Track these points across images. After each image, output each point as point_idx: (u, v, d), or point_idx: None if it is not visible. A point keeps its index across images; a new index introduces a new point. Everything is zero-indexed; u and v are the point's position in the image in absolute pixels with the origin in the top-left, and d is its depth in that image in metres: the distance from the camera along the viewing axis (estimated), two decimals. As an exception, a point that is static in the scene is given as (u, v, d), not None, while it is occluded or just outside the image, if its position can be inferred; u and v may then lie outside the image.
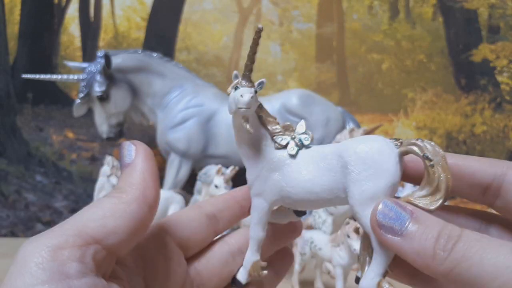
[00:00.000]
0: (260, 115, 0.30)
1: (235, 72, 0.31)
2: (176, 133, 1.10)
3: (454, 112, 1.26)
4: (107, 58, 1.05)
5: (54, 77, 1.10)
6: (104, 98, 1.07)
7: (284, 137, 0.30)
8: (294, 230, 0.35)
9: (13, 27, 1.27)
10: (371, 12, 1.28)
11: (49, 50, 1.28)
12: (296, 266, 0.88)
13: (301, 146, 0.30)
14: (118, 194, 0.27)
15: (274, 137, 0.30)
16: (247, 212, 0.35)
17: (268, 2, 1.28)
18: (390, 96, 1.28)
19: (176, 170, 1.12)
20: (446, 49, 1.28)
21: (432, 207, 0.25)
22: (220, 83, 1.25)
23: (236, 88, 0.29)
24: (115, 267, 0.26)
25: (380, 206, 0.25)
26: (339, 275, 0.82)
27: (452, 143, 1.27)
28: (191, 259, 0.33)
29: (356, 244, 0.78)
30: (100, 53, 1.07)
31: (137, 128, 1.28)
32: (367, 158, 0.26)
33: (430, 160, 0.25)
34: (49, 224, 1.30)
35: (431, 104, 1.27)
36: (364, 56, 1.28)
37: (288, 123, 0.31)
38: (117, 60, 1.08)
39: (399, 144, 0.27)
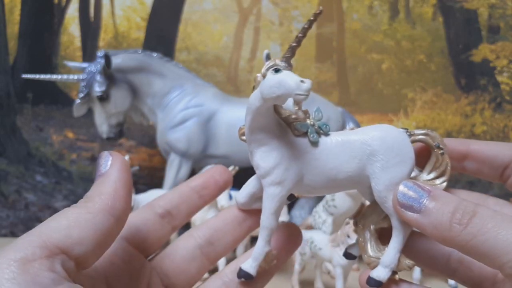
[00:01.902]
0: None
1: (266, 51, 0.32)
2: (176, 133, 1.10)
3: (454, 112, 1.26)
4: (107, 58, 1.05)
5: (54, 77, 1.10)
6: (104, 98, 1.07)
7: (303, 124, 0.30)
8: (295, 242, 0.35)
9: (13, 27, 1.27)
10: (371, 12, 1.28)
11: (49, 50, 1.28)
12: (296, 266, 0.88)
13: (321, 133, 0.30)
14: (85, 203, 0.26)
15: (293, 123, 0.30)
16: (208, 200, 0.35)
17: (268, 2, 1.28)
18: (390, 96, 1.28)
19: (176, 170, 1.12)
20: (446, 49, 1.28)
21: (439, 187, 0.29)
22: (220, 83, 1.25)
23: (277, 70, 0.27)
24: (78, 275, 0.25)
25: (401, 187, 0.28)
26: (339, 275, 0.82)
27: (452, 143, 1.27)
28: (155, 259, 0.33)
29: (356, 244, 0.78)
30: (100, 53, 1.07)
31: (137, 128, 1.28)
32: (394, 147, 0.29)
33: (441, 149, 0.29)
34: (49, 224, 1.30)
35: (431, 104, 1.27)
36: (364, 56, 1.28)
37: (307, 110, 0.31)
38: (117, 60, 1.08)
39: (409, 133, 0.30)
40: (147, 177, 1.28)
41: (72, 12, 1.28)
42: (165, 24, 1.29)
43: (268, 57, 0.31)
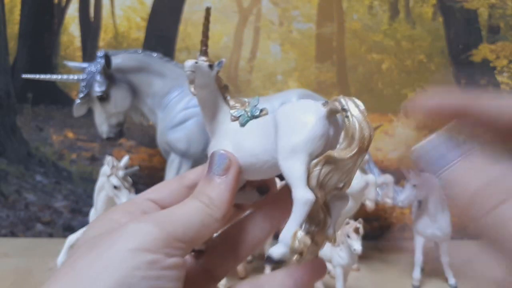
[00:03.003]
0: (225, 96, 0.34)
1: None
2: (176, 133, 1.10)
3: (454, 112, 1.26)
4: (107, 58, 1.05)
5: (54, 77, 1.10)
6: (104, 98, 1.07)
7: (239, 110, 0.33)
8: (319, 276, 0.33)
9: (13, 27, 1.27)
10: (371, 12, 1.28)
11: (49, 50, 1.28)
12: (296, 266, 0.87)
13: (251, 117, 0.32)
14: (207, 205, 0.29)
15: (230, 111, 0.33)
16: None
17: (268, 2, 1.28)
18: (390, 96, 1.28)
19: (176, 170, 1.12)
20: (446, 49, 1.28)
21: (348, 155, 0.26)
22: (220, 83, 1.25)
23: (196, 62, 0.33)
24: None
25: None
26: (339, 275, 0.82)
27: (452, 143, 1.27)
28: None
29: (356, 244, 0.78)
30: (100, 53, 1.06)
31: (137, 128, 1.28)
32: (290, 115, 0.28)
33: (346, 111, 0.27)
34: (49, 224, 1.30)
35: (431, 104, 1.27)
36: (364, 56, 1.28)
37: (246, 100, 0.34)
38: (117, 60, 1.08)
39: (325, 104, 0.28)
40: (147, 177, 1.28)
41: (72, 12, 1.28)
42: (165, 24, 1.29)
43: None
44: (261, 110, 0.32)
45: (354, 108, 0.27)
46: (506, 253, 0.22)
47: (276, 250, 0.27)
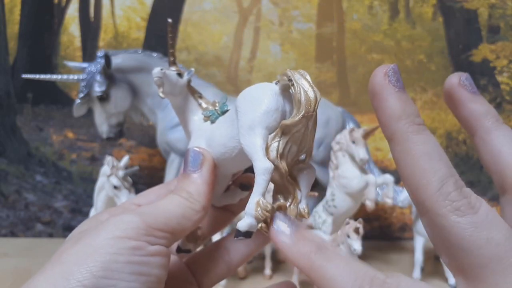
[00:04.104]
0: (199, 102, 0.36)
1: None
2: (176, 133, 1.10)
3: (454, 112, 1.26)
4: (107, 58, 1.05)
5: (54, 77, 1.10)
6: (104, 98, 1.07)
7: (210, 110, 0.35)
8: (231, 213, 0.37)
9: (13, 27, 1.27)
10: (371, 12, 1.28)
11: (49, 50, 1.28)
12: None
13: (221, 113, 0.34)
14: (186, 198, 0.30)
15: (202, 113, 0.36)
16: None
17: (268, 2, 1.28)
18: (390, 96, 1.28)
19: (176, 170, 1.12)
20: (446, 49, 1.28)
21: (296, 118, 0.27)
22: (220, 83, 1.25)
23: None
24: None
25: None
26: (339, 275, 0.81)
27: (452, 143, 1.27)
28: None
29: (356, 244, 0.78)
30: (100, 53, 1.06)
31: (137, 128, 1.28)
32: (246, 96, 0.29)
33: (291, 81, 0.27)
34: (49, 224, 1.30)
35: (431, 104, 1.27)
36: (364, 56, 1.28)
37: (217, 100, 0.36)
38: (117, 60, 1.08)
39: (277, 82, 0.29)
40: (147, 177, 1.28)
41: (72, 12, 1.28)
42: (165, 24, 1.28)
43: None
44: (228, 105, 0.34)
45: (299, 77, 0.28)
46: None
47: (242, 223, 0.27)
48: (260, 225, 0.27)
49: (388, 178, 0.98)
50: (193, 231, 0.34)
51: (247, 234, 0.27)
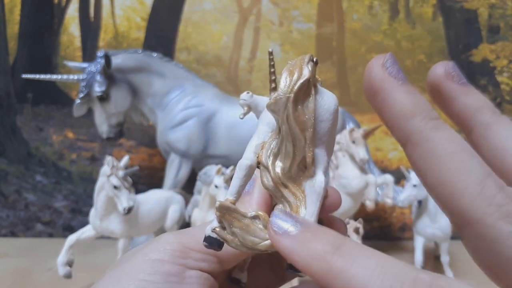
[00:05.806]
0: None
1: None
2: (176, 133, 1.10)
3: (454, 112, 1.26)
4: (107, 58, 1.05)
5: (54, 77, 1.10)
6: (104, 98, 1.07)
7: None
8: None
9: (13, 27, 1.27)
10: (371, 12, 1.28)
11: (49, 50, 1.28)
12: (296, 266, 0.87)
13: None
14: None
15: None
16: None
17: (268, 2, 1.28)
18: (390, 96, 1.28)
19: (176, 170, 1.12)
20: (446, 49, 1.28)
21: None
22: (220, 83, 1.25)
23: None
24: None
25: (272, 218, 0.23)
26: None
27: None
28: None
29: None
30: (100, 53, 1.07)
31: (137, 128, 1.28)
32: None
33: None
34: (49, 224, 1.30)
35: (431, 104, 1.27)
36: (364, 56, 1.28)
37: None
38: (117, 60, 1.08)
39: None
40: (147, 177, 1.28)
41: (72, 12, 1.28)
42: (165, 24, 1.29)
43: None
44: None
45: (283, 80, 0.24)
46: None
47: (210, 225, 0.23)
48: (216, 228, 0.22)
49: (388, 178, 0.98)
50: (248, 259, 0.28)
51: (208, 240, 0.23)
